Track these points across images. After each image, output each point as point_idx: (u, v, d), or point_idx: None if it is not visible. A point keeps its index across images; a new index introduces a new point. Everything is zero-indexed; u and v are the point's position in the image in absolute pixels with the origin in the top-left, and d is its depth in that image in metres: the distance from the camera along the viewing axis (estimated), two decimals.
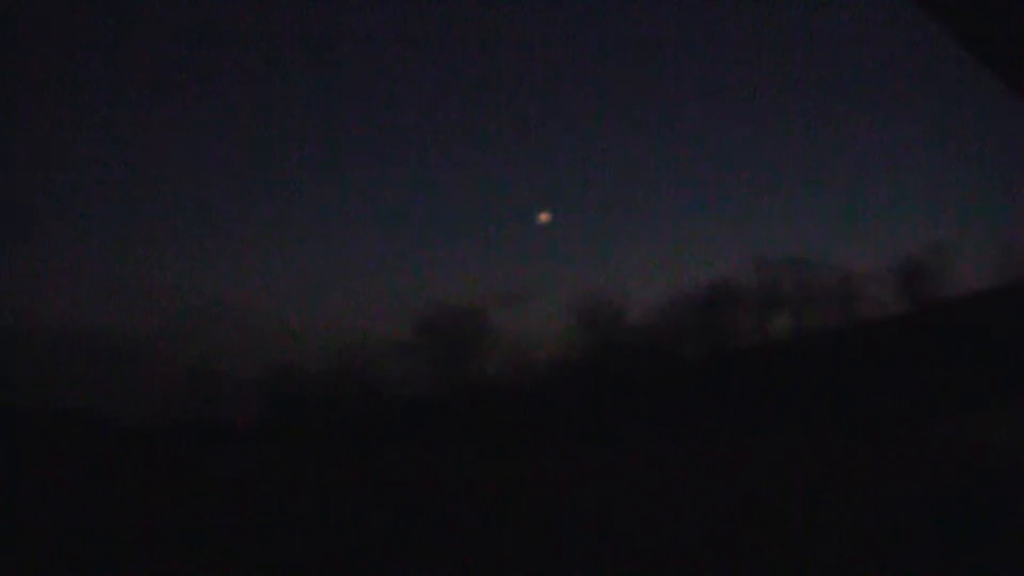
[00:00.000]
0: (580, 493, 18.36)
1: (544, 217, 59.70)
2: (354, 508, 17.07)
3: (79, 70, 73.18)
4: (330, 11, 79.49)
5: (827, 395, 37.57)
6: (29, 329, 55.10)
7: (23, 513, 17.21)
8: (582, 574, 9.25)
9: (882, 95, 74.92)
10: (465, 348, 48.82)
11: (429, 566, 10.04)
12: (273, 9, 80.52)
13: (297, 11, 78.88)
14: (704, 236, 78.34)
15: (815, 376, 38.65)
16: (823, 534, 11.07)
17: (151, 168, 77.47)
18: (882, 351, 39.78)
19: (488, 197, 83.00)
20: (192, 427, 53.23)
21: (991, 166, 69.16)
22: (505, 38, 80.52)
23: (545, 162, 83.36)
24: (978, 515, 10.72)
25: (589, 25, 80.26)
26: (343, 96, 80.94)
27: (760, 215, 77.29)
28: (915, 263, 45.66)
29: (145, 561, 10.79)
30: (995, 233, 69.76)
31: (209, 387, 53.48)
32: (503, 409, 45.48)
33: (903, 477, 18.67)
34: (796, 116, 79.27)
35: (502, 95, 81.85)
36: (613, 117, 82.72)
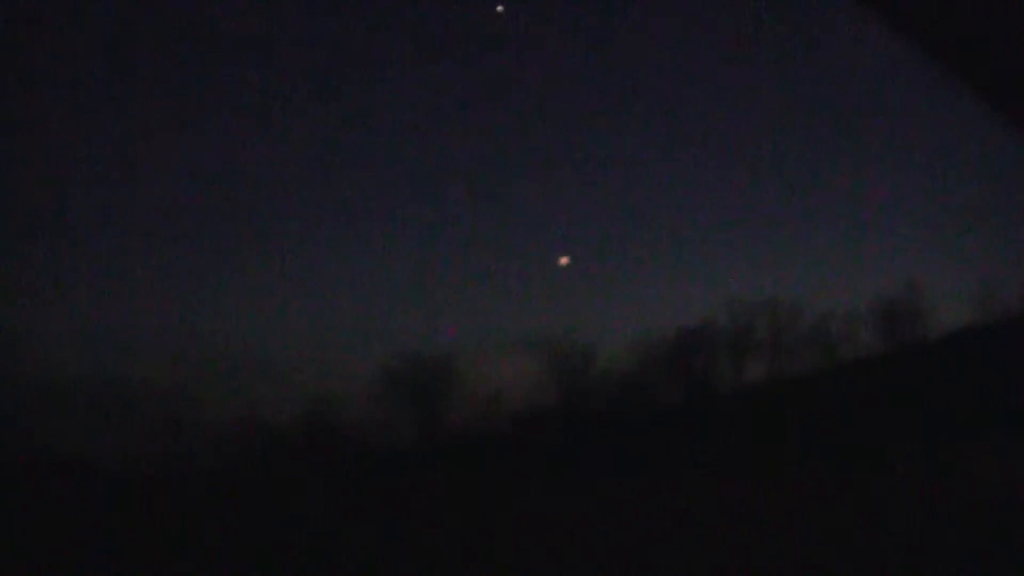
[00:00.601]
0: (555, 539, 17.68)
1: (564, 261, 59.53)
2: (328, 556, 16.37)
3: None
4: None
5: (805, 437, 36.52)
6: None
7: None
8: None
9: (856, 134, 75.24)
10: (435, 397, 47.87)
11: None
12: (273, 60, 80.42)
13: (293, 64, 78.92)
14: (677, 279, 77.46)
15: (793, 418, 37.57)
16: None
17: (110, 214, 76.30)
18: (861, 392, 38.83)
19: (458, 245, 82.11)
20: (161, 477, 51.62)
21: (968, 202, 69.10)
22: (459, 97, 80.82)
23: (516, 208, 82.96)
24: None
25: (560, 70, 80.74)
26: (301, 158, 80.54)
27: (734, 256, 76.78)
28: (892, 303, 45.06)
29: None
30: (973, 270, 69.57)
31: (180, 435, 52.13)
32: (475, 458, 44.38)
33: (876, 521, 18.08)
34: (772, 156, 79.43)
35: (466, 145, 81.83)
36: (583, 160, 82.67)
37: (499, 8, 56.63)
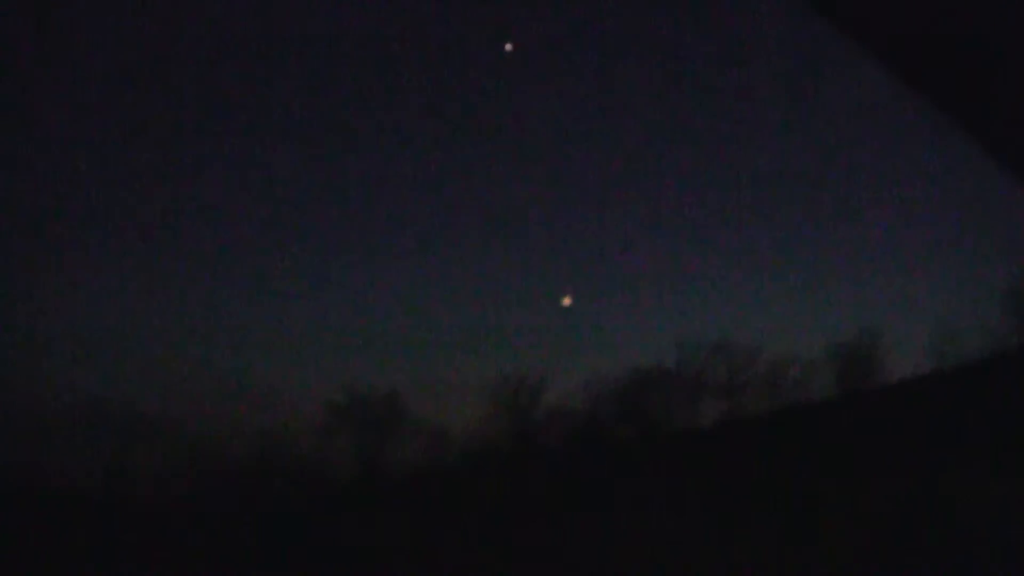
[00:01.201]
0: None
1: (567, 301, 59.54)
2: None
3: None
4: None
5: (758, 481, 35.77)
6: None
7: None
8: None
9: (809, 176, 75.90)
10: (381, 433, 46.67)
11: None
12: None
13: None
14: (628, 319, 77.04)
15: (744, 462, 36.84)
16: None
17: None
18: (814, 437, 38.31)
19: (408, 283, 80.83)
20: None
21: (925, 247, 69.86)
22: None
23: (464, 247, 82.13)
24: None
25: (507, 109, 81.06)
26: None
27: (686, 298, 76.34)
28: (849, 348, 44.81)
29: None
30: (931, 317, 69.98)
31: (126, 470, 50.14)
32: (420, 494, 43.26)
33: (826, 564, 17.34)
34: (730, 199, 79.85)
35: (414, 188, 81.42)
36: (529, 199, 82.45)
37: (508, 46, 56.89)
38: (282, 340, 75.27)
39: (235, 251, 79.37)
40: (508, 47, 57.48)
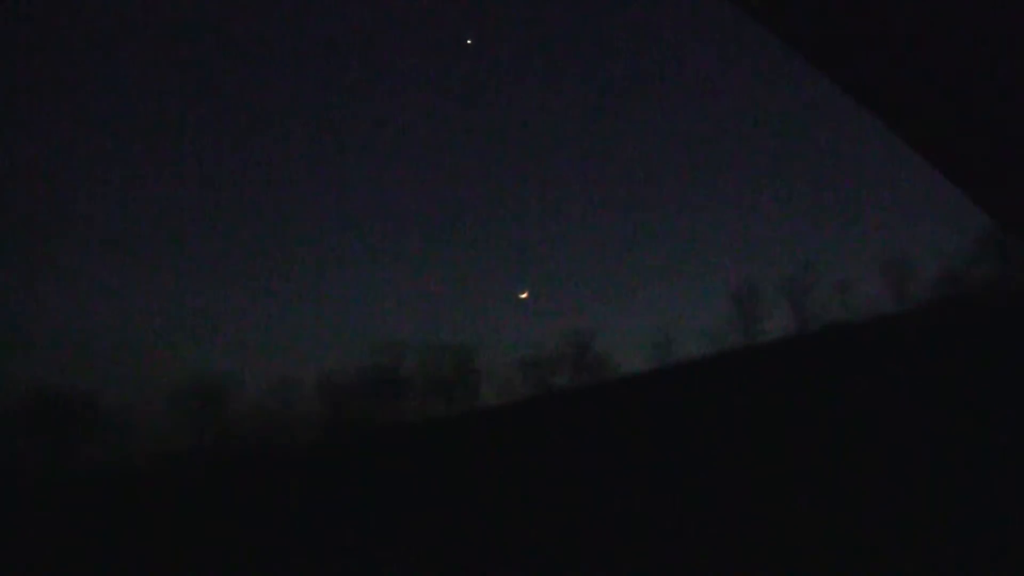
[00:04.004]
0: None
1: (524, 295, 58.09)
2: None
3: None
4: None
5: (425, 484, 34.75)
6: None
7: None
8: None
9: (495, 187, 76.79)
10: (71, 433, 42.67)
11: None
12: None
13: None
14: (324, 320, 75.40)
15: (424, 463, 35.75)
16: None
17: None
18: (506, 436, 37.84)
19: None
20: None
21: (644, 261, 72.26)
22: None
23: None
24: None
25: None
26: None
27: (377, 302, 75.09)
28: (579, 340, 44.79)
29: None
30: (651, 321, 72.20)
31: None
32: (110, 496, 39.93)
33: None
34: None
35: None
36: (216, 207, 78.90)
37: (468, 41, 57.81)
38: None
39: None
40: (468, 41, 58.67)
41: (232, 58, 69.17)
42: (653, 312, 78.11)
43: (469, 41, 56.71)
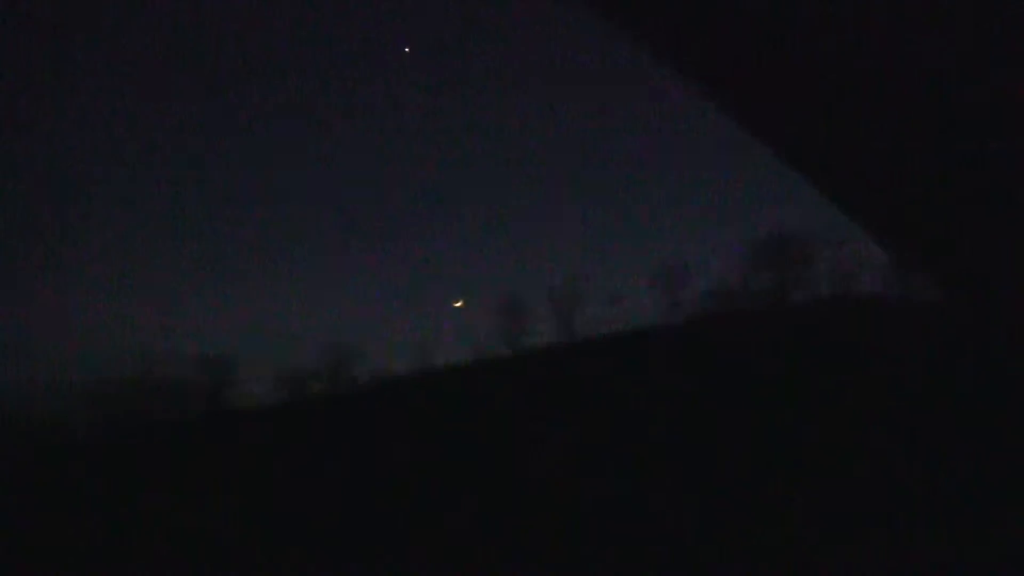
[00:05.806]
0: None
1: (459, 303, 54.65)
2: None
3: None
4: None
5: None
6: None
7: None
8: None
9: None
10: None
11: None
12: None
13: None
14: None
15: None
16: None
17: None
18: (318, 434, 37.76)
19: None
20: None
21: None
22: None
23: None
24: None
25: None
26: None
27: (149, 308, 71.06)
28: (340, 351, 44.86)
29: None
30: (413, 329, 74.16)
31: None
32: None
33: None
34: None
35: None
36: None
37: (406, 49, 52.94)
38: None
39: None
40: (407, 50, 54.79)
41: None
42: (417, 328, 78.44)
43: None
